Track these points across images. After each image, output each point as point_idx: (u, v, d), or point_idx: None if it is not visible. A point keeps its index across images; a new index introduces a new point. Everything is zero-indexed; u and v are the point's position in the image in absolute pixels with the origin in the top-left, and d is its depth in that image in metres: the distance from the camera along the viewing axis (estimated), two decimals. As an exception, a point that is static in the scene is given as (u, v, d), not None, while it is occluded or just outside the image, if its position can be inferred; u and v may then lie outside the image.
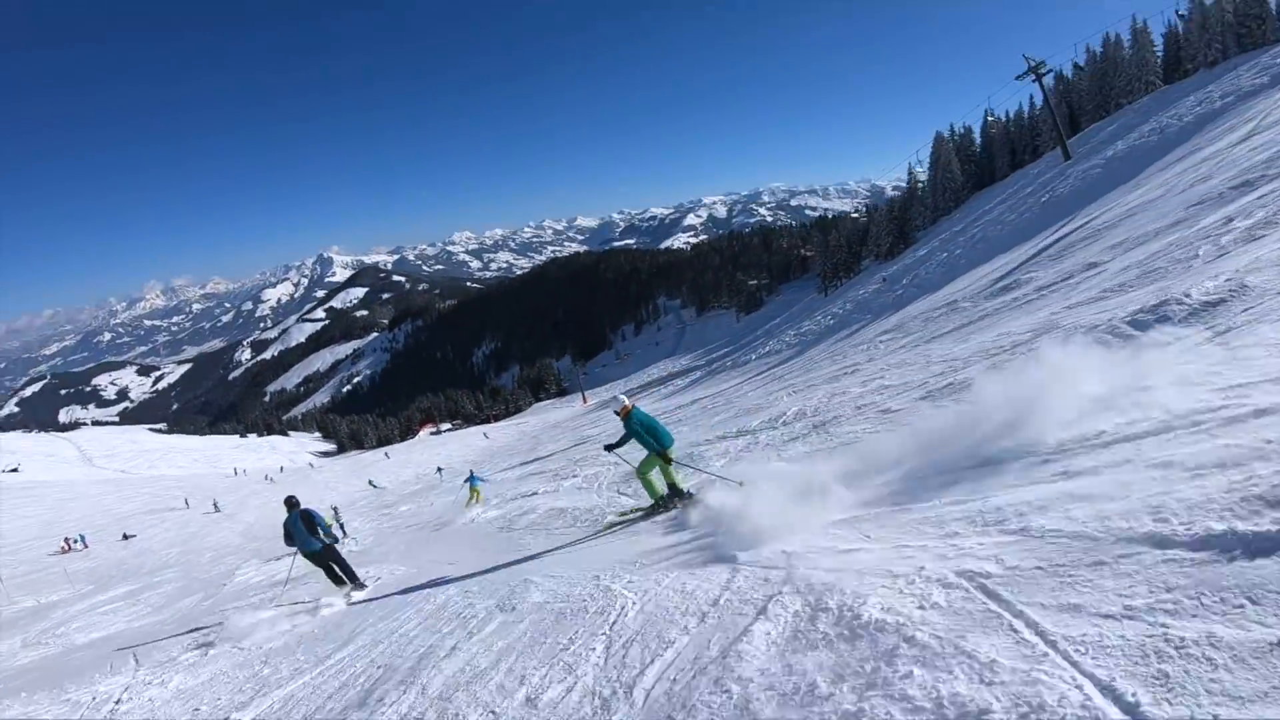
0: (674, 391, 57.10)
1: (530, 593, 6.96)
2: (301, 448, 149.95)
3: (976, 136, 74.10)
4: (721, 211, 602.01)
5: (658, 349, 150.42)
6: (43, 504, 68.74)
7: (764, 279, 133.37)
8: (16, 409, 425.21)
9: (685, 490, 9.48)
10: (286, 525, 11.45)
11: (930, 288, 36.00)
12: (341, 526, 24.13)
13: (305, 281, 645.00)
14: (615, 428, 38.38)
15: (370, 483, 59.92)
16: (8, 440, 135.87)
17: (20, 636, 17.87)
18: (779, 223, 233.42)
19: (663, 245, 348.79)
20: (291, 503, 11.81)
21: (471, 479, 24.07)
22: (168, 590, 21.41)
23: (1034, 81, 45.06)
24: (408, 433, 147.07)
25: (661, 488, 9.71)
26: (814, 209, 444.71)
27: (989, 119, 72.28)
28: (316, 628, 9.49)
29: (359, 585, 11.40)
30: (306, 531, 11.26)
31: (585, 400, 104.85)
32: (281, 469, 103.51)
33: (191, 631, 11.70)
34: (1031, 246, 26.72)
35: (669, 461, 9.34)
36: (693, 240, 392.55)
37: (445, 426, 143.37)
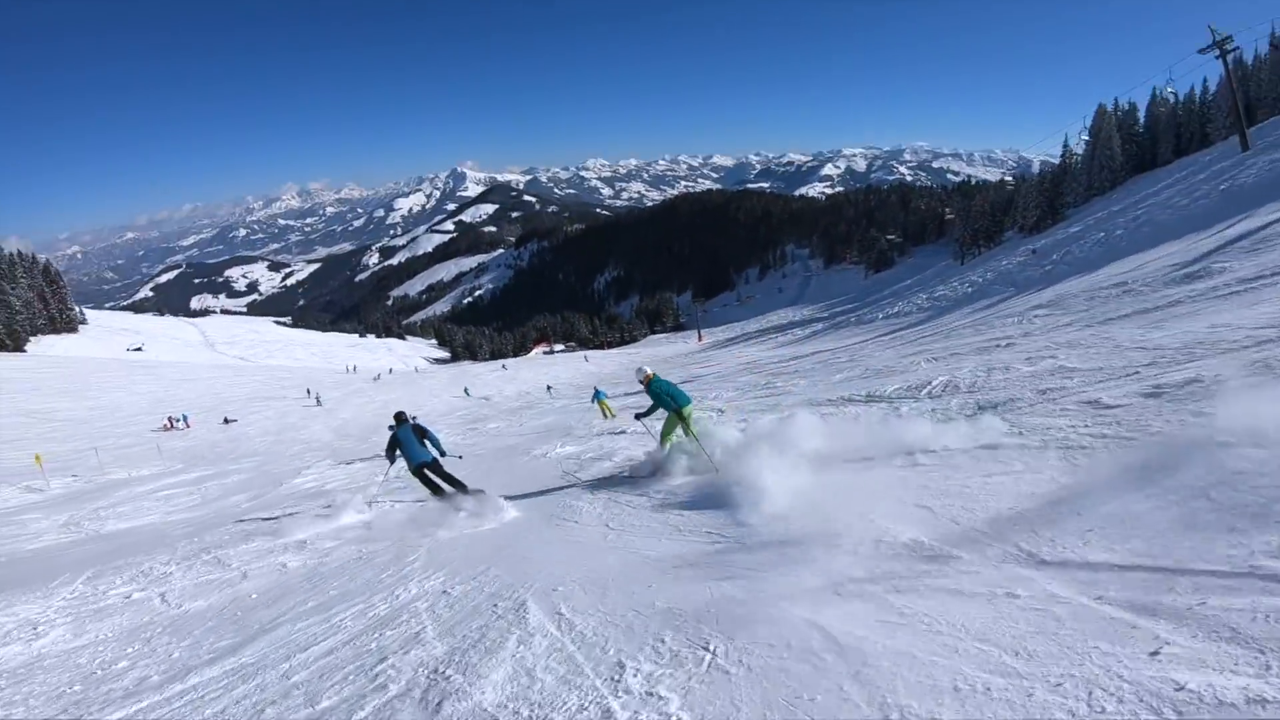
0: (792, 341, 55.22)
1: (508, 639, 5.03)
2: (416, 352, 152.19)
3: (1141, 115, 69.48)
4: (861, 165, 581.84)
5: (780, 296, 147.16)
6: (159, 382, 70.84)
7: (897, 238, 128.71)
8: (151, 294, 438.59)
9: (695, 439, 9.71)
10: (396, 438, 11.40)
11: (1087, 267, 33.17)
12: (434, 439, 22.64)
13: (437, 194, 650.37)
14: (724, 368, 37.10)
15: (465, 391, 61.14)
16: (137, 321, 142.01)
17: (69, 514, 17.56)
18: (919, 183, 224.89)
19: (797, 192, 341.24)
20: (401, 417, 11.92)
21: (597, 394, 25.93)
22: (231, 482, 21.21)
23: (1217, 58, 40.97)
24: (521, 349, 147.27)
25: (681, 440, 10.13)
26: (955, 173, 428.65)
27: (1156, 97, 67.53)
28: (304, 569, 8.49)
29: (468, 493, 10.84)
30: (419, 442, 11.24)
31: (700, 339, 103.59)
32: (390, 370, 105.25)
33: (196, 547, 10.47)
34: (1212, 237, 23.65)
35: (686, 420, 9.87)
36: (828, 191, 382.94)
37: (559, 347, 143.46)
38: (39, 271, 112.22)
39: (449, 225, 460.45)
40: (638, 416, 11.09)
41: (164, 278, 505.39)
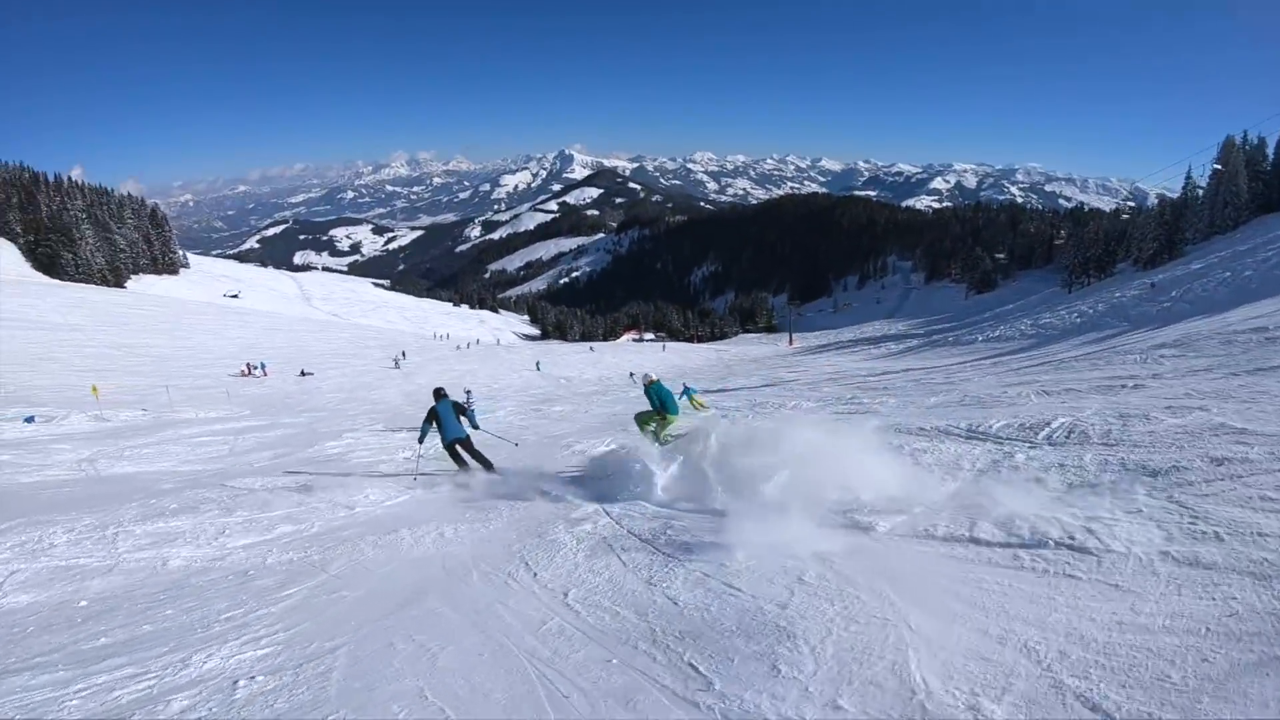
0: (885, 355, 53.04)
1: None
2: (507, 326, 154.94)
3: (1269, 151, 65.68)
4: (971, 181, 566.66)
5: (878, 307, 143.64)
6: (247, 329, 72.68)
7: (1002, 260, 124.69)
8: (257, 246, 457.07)
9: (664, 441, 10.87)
10: (435, 412, 11.98)
11: (1213, 307, 31.28)
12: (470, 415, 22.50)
13: (543, 174, 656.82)
14: (810, 376, 35.42)
15: (537, 365, 62.07)
16: (238, 269, 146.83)
17: (96, 449, 17.18)
18: (1029, 204, 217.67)
19: (904, 203, 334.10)
20: (440, 393, 12.52)
21: (686, 391, 22.81)
22: (271, 435, 20.65)
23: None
24: (611, 334, 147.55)
25: (649, 433, 11.43)
26: (1068, 199, 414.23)
27: (1291, 132, 63.94)
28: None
29: (492, 471, 11.77)
30: (456, 418, 11.96)
31: (791, 342, 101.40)
32: (478, 341, 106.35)
33: (135, 514, 9.47)
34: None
35: (665, 423, 11.24)
36: (936, 205, 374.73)
37: (649, 336, 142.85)
38: (146, 215, 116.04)
39: (552, 205, 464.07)
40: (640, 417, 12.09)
41: (270, 231, 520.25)
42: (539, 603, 5.73)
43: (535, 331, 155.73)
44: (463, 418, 12.09)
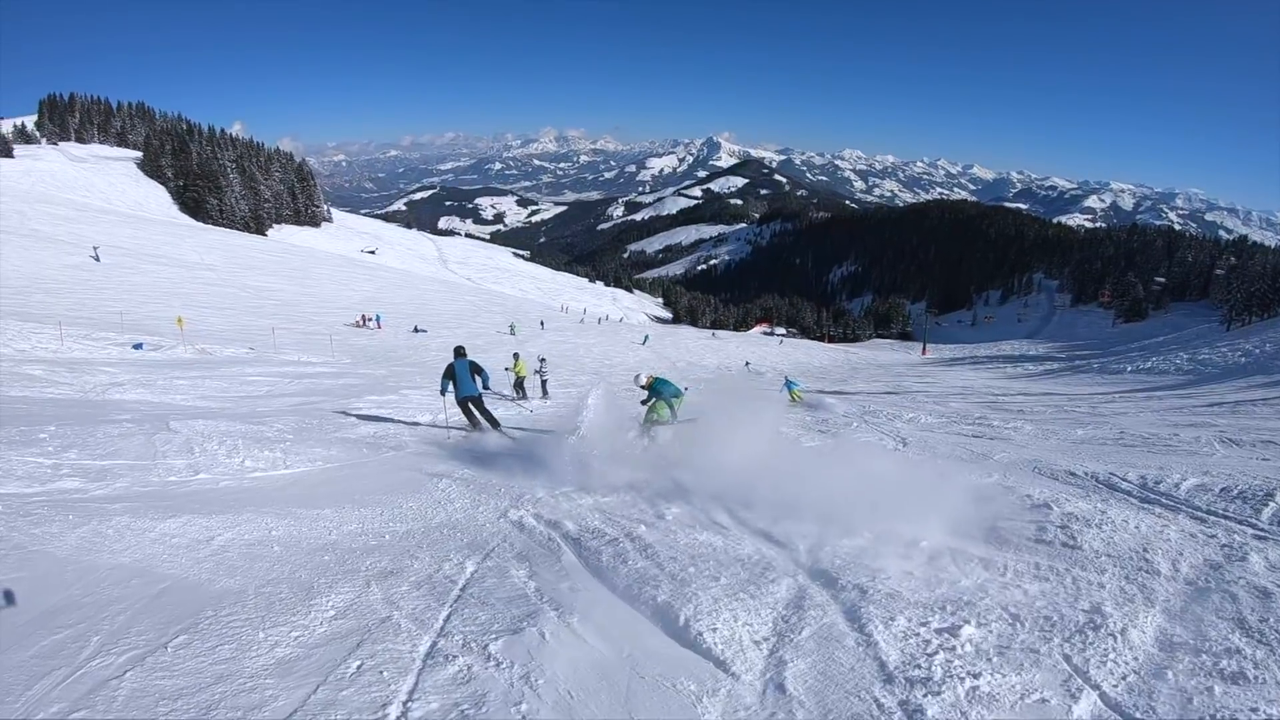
0: (1022, 375, 49.88)
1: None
2: (640, 307, 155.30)
3: None
4: (1127, 202, 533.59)
5: (1018, 325, 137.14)
6: (374, 283, 74.18)
7: (1162, 285, 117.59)
8: (404, 208, 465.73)
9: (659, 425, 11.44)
10: (452, 369, 12.57)
11: None
12: (544, 384, 23.66)
13: (690, 160, 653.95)
14: (938, 388, 33.11)
15: (644, 339, 64.11)
16: (378, 226, 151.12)
17: (156, 377, 17.19)
18: (1186, 232, 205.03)
19: (1056, 219, 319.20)
20: (460, 351, 13.21)
21: (788, 384, 25.82)
22: (331, 383, 20.36)
23: None
24: (742, 324, 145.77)
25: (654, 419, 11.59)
26: (1229, 230, 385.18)
27: None
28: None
29: (499, 430, 12.62)
30: (471, 377, 12.56)
31: (924, 351, 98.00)
32: (606, 317, 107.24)
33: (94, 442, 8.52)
34: None
35: (674, 406, 11.73)
36: (1088, 223, 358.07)
37: (780, 330, 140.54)
38: (292, 169, 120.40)
39: (696, 191, 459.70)
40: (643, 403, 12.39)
41: (418, 195, 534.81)
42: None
43: (667, 315, 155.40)
44: (478, 377, 12.65)
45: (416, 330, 49.34)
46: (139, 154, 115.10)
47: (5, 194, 74.79)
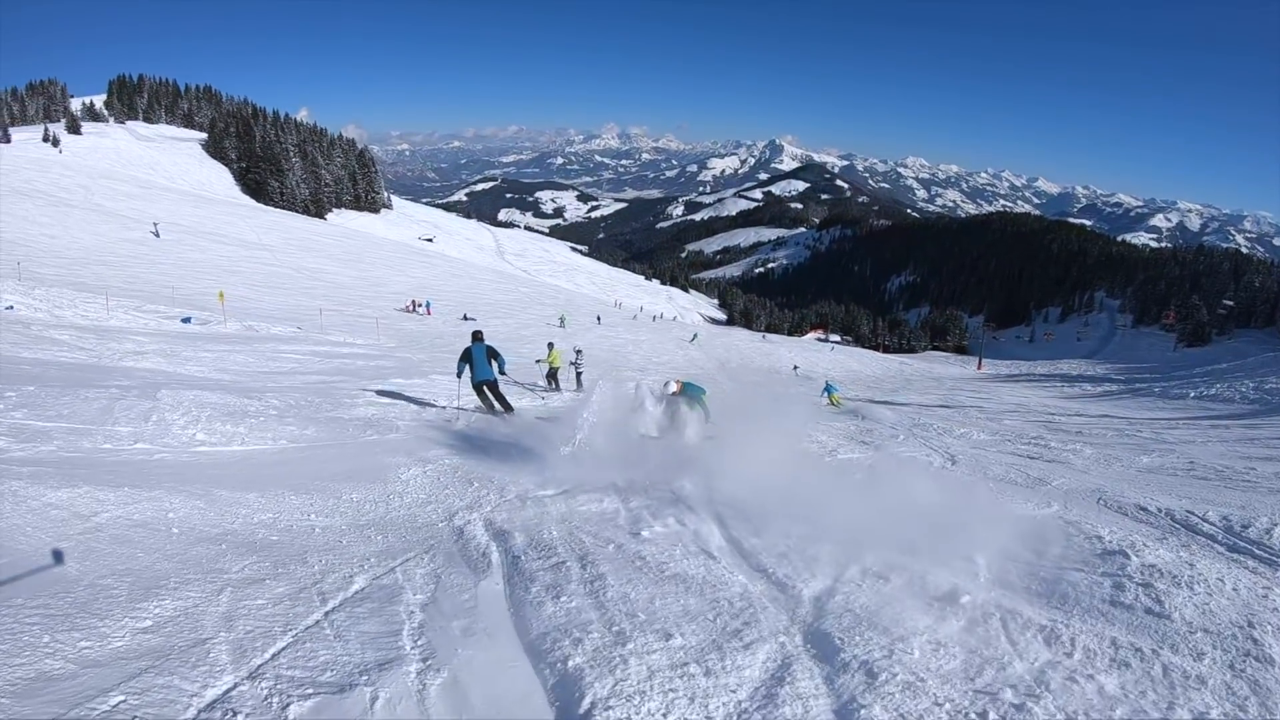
0: (1080, 395, 48.13)
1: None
2: (695, 307, 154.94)
3: None
4: (1194, 223, 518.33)
5: (1077, 345, 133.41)
6: (428, 270, 75.40)
7: (1230, 308, 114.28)
8: (465, 199, 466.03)
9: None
10: (469, 353, 12.87)
11: None
12: (579, 376, 22.95)
13: (751, 161, 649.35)
14: (992, 404, 31.83)
15: (694, 336, 63.94)
16: (438, 215, 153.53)
17: (180, 350, 17.25)
18: (1255, 255, 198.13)
19: (1120, 237, 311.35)
20: (478, 336, 13.50)
21: (828, 388, 27.59)
22: (363, 365, 20.10)
23: None
24: (797, 329, 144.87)
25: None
26: None
27: None
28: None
29: (511, 412, 12.90)
30: (487, 361, 12.82)
31: (980, 366, 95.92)
32: (661, 315, 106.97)
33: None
34: None
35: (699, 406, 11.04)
36: (1154, 243, 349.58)
37: (834, 338, 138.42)
38: (354, 155, 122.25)
39: (757, 194, 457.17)
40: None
41: (479, 186, 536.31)
42: None
43: (722, 316, 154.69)
44: (494, 362, 12.92)
45: (466, 318, 48.98)
46: (204, 135, 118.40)
47: (71, 169, 76.85)
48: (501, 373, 13.14)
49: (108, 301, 24.30)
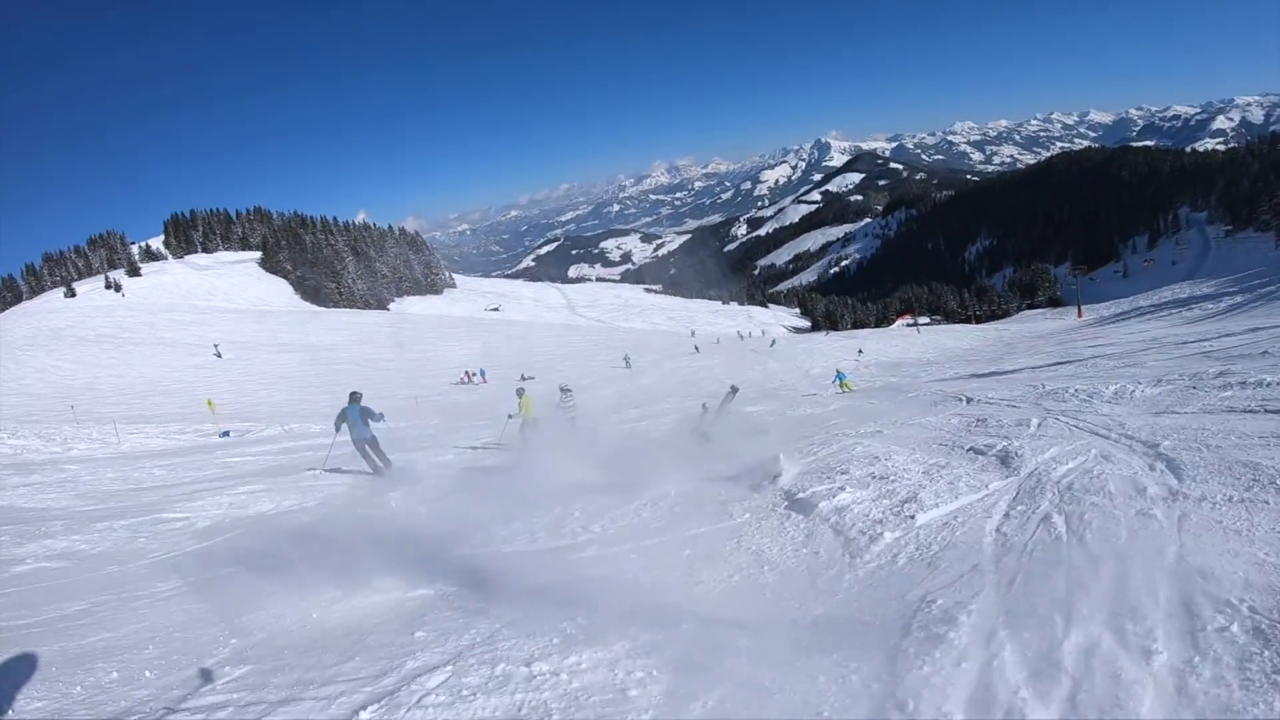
0: (1206, 316, 44.62)
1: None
2: (777, 320, 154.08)
3: None
4: (1258, 115, 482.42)
5: (1173, 269, 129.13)
6: (493, 335, 75.72)
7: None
8: (533, 264, 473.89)
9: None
10: (345, 414, 12.99)
11: None
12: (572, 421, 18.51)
13: (802, 165, 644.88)
14: (1120, 347, 28.73)
15: (772, 343, 65.88)
16: (503, 284, 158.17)
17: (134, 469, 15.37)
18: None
19: (1187, 149, 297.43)
20: (355, 396, 13.42)
21: (839, 376, 25.47)
22: (415, 435, 20.32)
23: None
24: (883, 320, 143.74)
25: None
26: None
27: None
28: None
29: (389, 466, 12.83)
30: (362, 422, 12.87)
31: (1080, 314, 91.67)
32: (742, 335, 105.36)
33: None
34: None
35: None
36: (1222, 146, 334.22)
37: (923, 320, 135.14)
38: (405, 242, 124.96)
39: (815, 195, 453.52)
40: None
41: (544, 250, 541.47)
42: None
43: (804, 323, 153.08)
44: (370, 421, 12.94)
45: (524, 378, 46.85)
46: (259, 254, 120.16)
47: (134, 309, 79.25)
48: (376, 420, 13.12)
49: (117, 428, 23.42)
